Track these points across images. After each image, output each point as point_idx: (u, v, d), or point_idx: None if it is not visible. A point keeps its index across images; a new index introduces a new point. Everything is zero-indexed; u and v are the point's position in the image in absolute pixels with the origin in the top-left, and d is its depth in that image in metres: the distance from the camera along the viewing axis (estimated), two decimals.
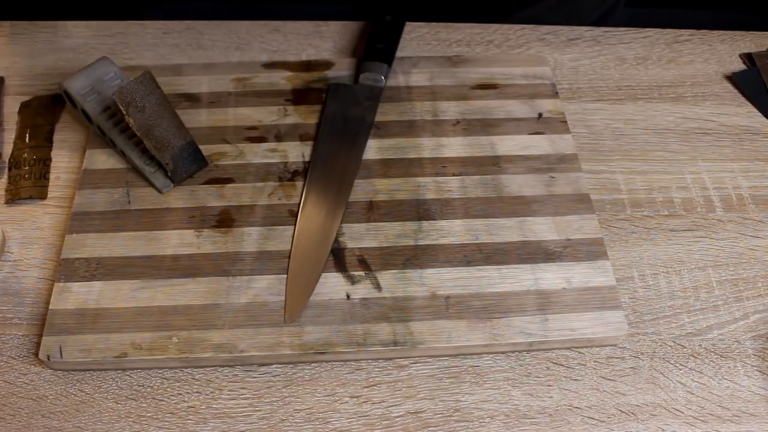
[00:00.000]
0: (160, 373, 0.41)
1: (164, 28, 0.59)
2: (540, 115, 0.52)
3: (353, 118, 0.51)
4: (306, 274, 0.43)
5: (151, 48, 0.57)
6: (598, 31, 0.60)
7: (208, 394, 0.40)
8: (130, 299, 0.42)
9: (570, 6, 0.65)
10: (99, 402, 0.40)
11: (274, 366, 0.41)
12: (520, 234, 0.45)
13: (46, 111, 0.52)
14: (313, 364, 0.41)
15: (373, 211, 0.46)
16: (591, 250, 0.45)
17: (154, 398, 0.40)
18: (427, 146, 0.50)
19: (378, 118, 0.52)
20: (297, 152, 0.49)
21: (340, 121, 0.51)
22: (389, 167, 0.49)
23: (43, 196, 0.48)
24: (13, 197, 0.48)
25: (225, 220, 0.46)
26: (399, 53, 0.55)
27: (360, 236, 0.45)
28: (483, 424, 0.40)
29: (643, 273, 0.46)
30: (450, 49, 0.58)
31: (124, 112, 0.44)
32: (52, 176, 0.49)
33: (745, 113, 0.54)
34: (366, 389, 0.41)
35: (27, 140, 0.51)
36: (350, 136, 0.50)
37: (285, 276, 0.43)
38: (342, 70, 0.55)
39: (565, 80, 0.56)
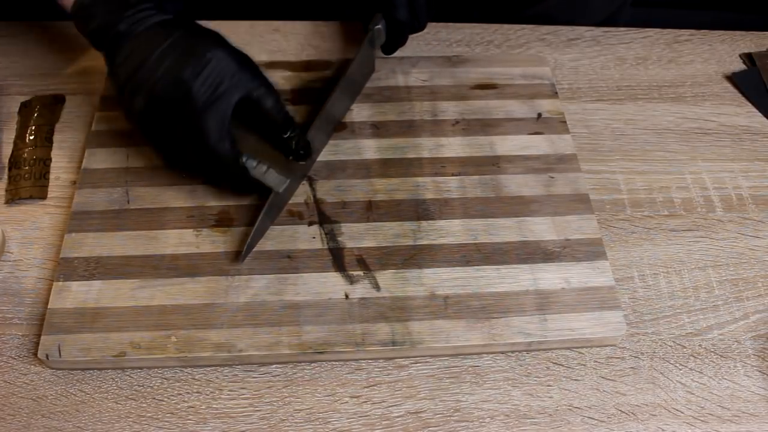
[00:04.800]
0: (160, 373, 0.41)
1: None
2: (539, 115, 0.52)
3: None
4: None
5: None
6: (598, 31, 0.60)
7: (208, 394, 0.40)
8: (129, 298, 0.42)
9: (579, 4, 0.66)
10: (99, 402, 0.40)
11: (274, 366, 0.41)
12: (519, 234, 0.45)
13: (46, 111, 0.52)
14: (312, 364, 0.41)
15: (371, 211, 0.46)
16: (590, 251, 0.45)
17: (154, 398, 0.40)
18: (426, 146, 0.50)
19: (377, 117, 0.52)
20: None
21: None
22: (388, 167, 0.49)
23: (43, 196, 0.48)
24: (13, 197, 0.48)
25: (224, 219, 0.46)
26: (399, 53, 0.55)
27: (359, 236, 0.45)
28: (483, 424, 0.39)
29: (643, 273, 0.46)
30: (450, 49, 0.58)
31: None
32: (52, 176, 0.49)
33: (745, 113, 0.54)
34: (366, 389, 0.41)
35: (27, 140, 0.51)
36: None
37: (283, 275, 0.43)
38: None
39: (565, 80, 0.56)
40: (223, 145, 0.42)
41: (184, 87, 0.41)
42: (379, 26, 0.50)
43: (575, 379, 0.41)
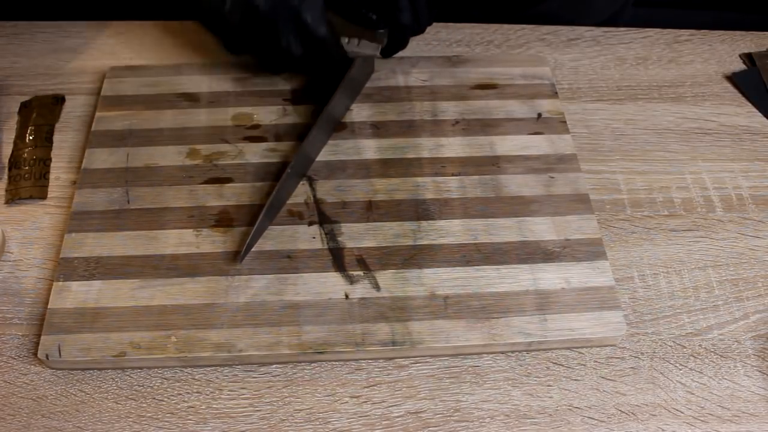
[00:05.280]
0: (160, 373, 0.41)
1: (164, 28, 0.59)
2: (539, 115, 0.52)
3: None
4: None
5: (151, 48, 0.57)
6: (598, 31, 0.60)
7: (208, 394, 0.40)
8: (129, 298, 0.42)
9: (582, 3, 0.66)
10: (99, 402, 0.40)
11: (274, 366, 0.41)
12: (519, 234, 0.45)
13: (46, 111, 0.52)
14: (312, 364, 0.41)
15: (371, 211, 0.46)
16: (590, 251, 0.45)
17: (154, 398, 0.40)
18: (426, 146, 0.50)
19: (377, 117, 0.52)
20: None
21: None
22: (388, 167, 0.49)
23: (43, 196, 0.48)
24: (13, 197, 0.48)
25: (224, 219, 0.46)
26: (399, 53, 0.55)
27: (359, 236, 0.45)
28: (483, 424, 0.39)
29: (643, 273, 0.46)
30: (450, 49, 0.58)
31: None
32: (52, 176, 0.49)
33: (745, 113, 0.54)
34: (366, 389, 0.41)
35: (27, 140, 0.51)
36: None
37: (283, 276, 0.43)
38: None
39: (565, 80, 0.56)
40: (325, 31, 0.47)
41: None
42: (382, 30, 0.50)
43: (575, 379, 0.41)
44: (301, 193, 0.47)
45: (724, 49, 0.59)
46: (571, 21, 0.60)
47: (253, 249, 0.44)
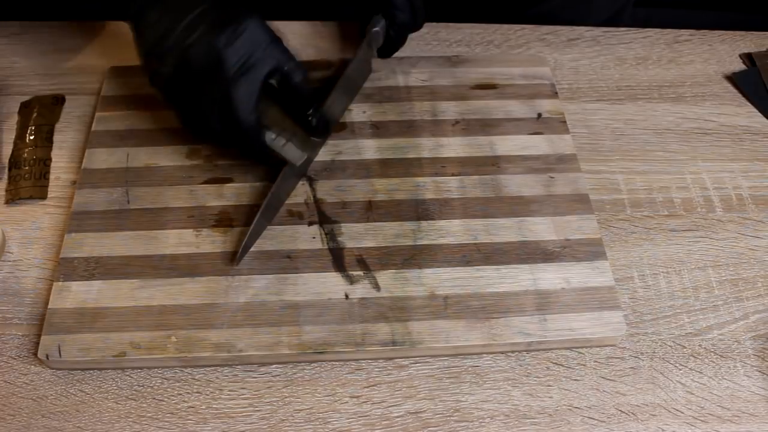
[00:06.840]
0: (160, 373, 0.41)
1: None
2: (539, 115, 0.52)
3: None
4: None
5: None
6: (598, 31, 0.60)
7: (208, 394, 0.40)
8: (129, 298, 0.42)
9: (583, 4, 0.66)
10: (99, 402, 0.40)
11: (274, 366, 0.41)
12: (519, 234, 0.45)
13: (46, 111, 0.52)
14: (313, 364, 0.41)
15: (371, 211, 0.46)
16: (590, 251, 0.45)
17: (154, 398, 0.40)
18: (426, 146, 0.50)
19: (377, 118, 0.52)
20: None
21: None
22: (388, 167, 0.49)
23: (43, 196, 0.48)
24: (13, 197, 0.48)
25: (224, 219, 0.46)
26: (399, 53, 0.55)
27: (359, 236, 0.45)
28: (483, 424, 0.39)
29: (643, 273, 0.46)
30: (450, 49, 0.58)
31: None
32: (52, 176, 0.49)
33: (745, 113, 0.54)
34: (366, 389, 0.41)
35: (27, 140, 0.51)
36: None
37: (283, 275, 0.43)
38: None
39: (565, 80, 0.56)
40: (249, 116, 0.42)
41: (217, 55, 0.41)
42: (377, 29, 0.50)
43: (575, 379, 0.41)
44: (301, 193, 0.47)
45: (724, 49, 0.59)
46: (571, 21, 0.60)
47: (253, 249, 0.44)
